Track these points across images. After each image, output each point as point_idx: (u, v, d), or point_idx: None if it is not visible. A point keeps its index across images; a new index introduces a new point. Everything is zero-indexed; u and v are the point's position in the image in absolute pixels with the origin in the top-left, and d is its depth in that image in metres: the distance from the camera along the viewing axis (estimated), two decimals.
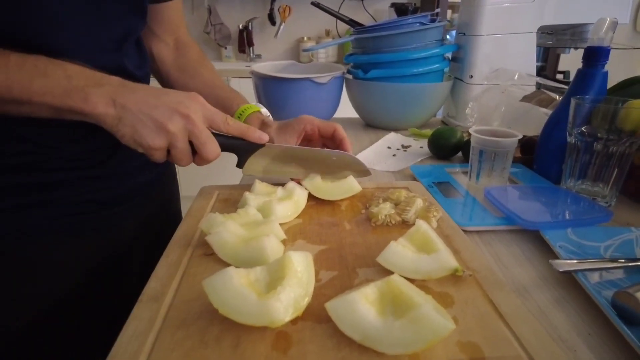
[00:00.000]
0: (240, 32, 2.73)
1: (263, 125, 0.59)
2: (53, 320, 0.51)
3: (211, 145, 0.46)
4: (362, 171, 0.58)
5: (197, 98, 0.47)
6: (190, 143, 0.46)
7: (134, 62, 0.56)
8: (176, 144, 0.44)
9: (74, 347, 0.53)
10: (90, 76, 0.42)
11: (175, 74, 0.68)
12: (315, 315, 0.33)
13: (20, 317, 0.49)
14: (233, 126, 0.49)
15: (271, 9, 2.65)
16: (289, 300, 0.32)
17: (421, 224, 0.41)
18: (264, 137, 0.51)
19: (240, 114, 0.61)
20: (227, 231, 0.41)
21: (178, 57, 0.69)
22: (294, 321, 0.32)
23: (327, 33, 2.74)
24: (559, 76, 1.78)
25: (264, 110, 0.63)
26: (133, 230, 0.60)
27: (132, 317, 0.33)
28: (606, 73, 0.61)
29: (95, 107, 0.41)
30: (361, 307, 0.31)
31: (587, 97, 0.58)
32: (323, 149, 0.56)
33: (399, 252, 0.38)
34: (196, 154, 0.47)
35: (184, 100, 0.45)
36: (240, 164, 0.54)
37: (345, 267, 0.40)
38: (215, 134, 0.48)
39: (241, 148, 0.52)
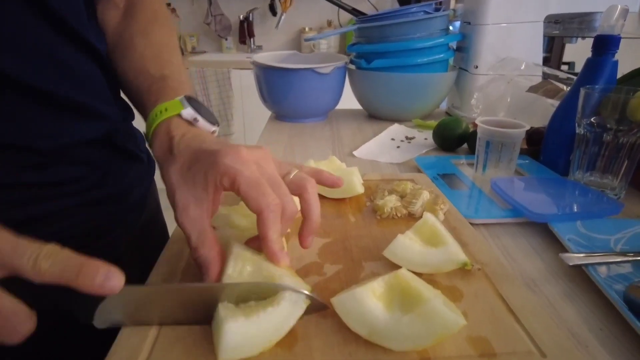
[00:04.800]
0: (241, 23, 2.71)
1: (167, 153, 0.37)
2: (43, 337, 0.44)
3: (16, 319, 0.26)
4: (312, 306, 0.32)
5: None
6: None
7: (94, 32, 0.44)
8: None
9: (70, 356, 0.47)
10: None
11: (111, 46, 0.50)
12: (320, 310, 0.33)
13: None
14: (51, 270, 0.26)
15: (272, 0, 2.62)
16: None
17: (429, 216, 0.40)
18: (111, 282, 0.27)
19: (152, 120, 0.40)
20: (229, 226, 0.40)
21: (121, 22, 0.51)
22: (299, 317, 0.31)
23: (329, 23, 2.71)
24: (564, 67, 1.76)
25: (187, 113, 0.39)
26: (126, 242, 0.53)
27: None
28: (616, 62, 0.59)
29: None
30: (368, 302, 0.30)
31: (596, 86, 0.56)
32: (219, 285, 0.32)
33: (406, 245, 0.37)
34: None
35: None
36: (84, 318, 0.30)
37: (350, 260, 0.39)
38: (22, 285, 0.27)
39: (76, 299, 0.28)
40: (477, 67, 0.94)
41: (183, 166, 0.34)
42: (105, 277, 0.27)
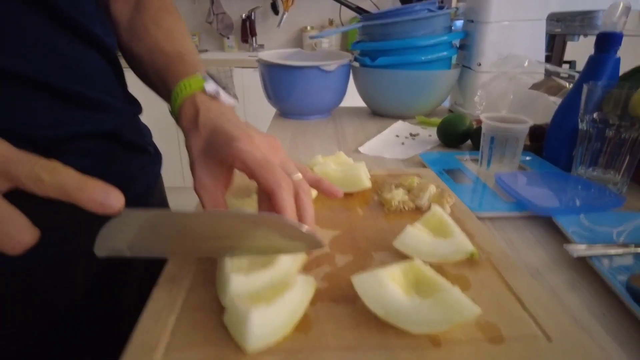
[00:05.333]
0: (243, 21, 2.71)
1: (193, 124, 0.40)
2: (54, 333, 0.45)
3: (12, 224, 0.27)
4: (305, 244, 0.34)
5: None
6: None
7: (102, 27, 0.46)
8: None
9: (82, 353, 0.48)
10: None
11: (125, 37, 0.52)
12: (332, 296, 0.34)
13: (21, 338, 0.43)
14: (51, 182, 0.27)
15: None
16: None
17: (437, 209, 0.41)
18: (110, 200, 0.28)
19: (177, 95, 0.42)
20: None
21: (134, 14, 0.53)
22: (312, 302, 0.33)
23: (331, 22, 2.72)
24: (565, 66, 1.77)
25: (210, 87, 0.42)
26: None
27: (151, 300, 0.34)
28: (618, 59, 0.60)
29: None
30: (388, 283, 0.31)
31: (599, 82, 0.57)
32: (232, 212, 0.35)
33: (416, 235, 0.38)
34: None
35: None
36: (85, 244, 0.31)
37: (359, 251, 0.41)
38: (25, 201, 0.27)
39: (79, 220, 0.31)
40: (480, 64, 0.95)
41: (205, 141, 0.38)
42: (106, 195, 0.27)
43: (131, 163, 0.52)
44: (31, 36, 0.38)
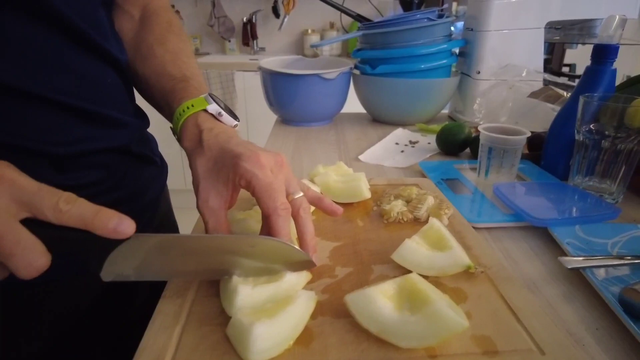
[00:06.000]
0: (244, 24, 2.73)
1: (196, 144, 0.41)
2: (62, 344, 0.46)
3: (28, 255, 0.28)
4: (299, 263, 0.36)
5: None
6: None
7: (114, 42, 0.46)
8: None
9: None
10: None
11: (130, 56, 0.52)
12: (334, 310, 0.35)
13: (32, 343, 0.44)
14: (70, 212, 0.29)
15: (275, 2, 2.64)
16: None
17: (434, 221, 0.42)
18: (122, 226, 0.30)
19: (179, 115, 0.44)
20: (246, 231, 0.42)
21: (139, 32, 0.53)
22: (313, 315, 0.34)
23: (332, 25, 2.73)
24: (565, 69, 1.77)
25: (213, 108, 0.43)
26: None
27: (157, 312, 0.35)
28: (615, 70, 0.61)
29: None
30: (379, 300, 0.32)
31: (595, 94, 0.58)
32: (231, 236, 0.36)
33: (414, 249, 0.39)
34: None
35: None
36: (94, 267, 0.32)
37: (360, 263, 0.42)
38: (40, 228, 0.29)
39: (90, 246, 0.31)
40: (479, 72, 0.96)
41: (209, 160, 0.39)
42: (119, 222, 0.30)
43: (141, 174, 0.54)
44: (51, 56, 0.39)
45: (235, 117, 0.45)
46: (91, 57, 0.43)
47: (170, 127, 0.46)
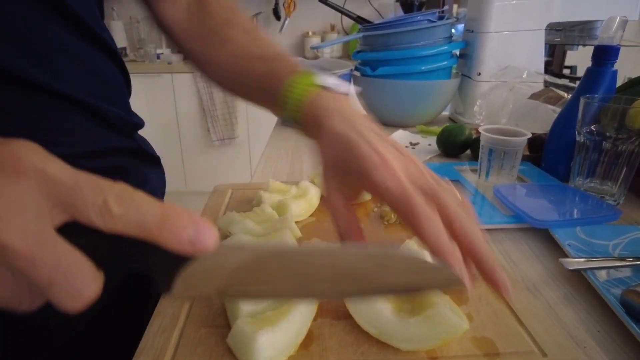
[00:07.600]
0: None
1: (318, 131, 0.35)
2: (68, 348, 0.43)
3: (73, 282, 0.20)
4: (443, 282, 0.27)
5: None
6: None
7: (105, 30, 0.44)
8: None
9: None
10: None
11: (198, 46, 0.48)
12: (333, 312, 0.35)
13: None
14: (124, 218, 0.20)
15: (276, 4, 2.65)
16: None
17: None
18: (202, 236, 0.21)
19: (287, 95, 0.37)
20: (244, 232, 0.42)
21: (193, 18, 0.49)
22: (313, 317, 0.33)
23: (332, 28, 2.74)
24: (566, 71, 1.77)
25: (331, 81, 0.37)
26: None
27: (156, 313, 0.35)
28: (615, 72, 0.61)
29: None
30: (379, 303, 0.32)
31: (595, 96, 0.58)
32: (355, 250, 0.25)
33: (415, 250, 0.39)
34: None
35: None
36: (162, 286, 0.23)
37: None
38: (83, 237, 0.21)
39: (155, 259, 0.22)
40: (479, 74, 0.96)
41: (334, 156, 0.34)
42: (196, 231, 0.21)
43: (148, 174, 0.54)
44: (66, 51, 0.39)
45: (344, 85, 0.40)
46: (95, 49, 0.42)
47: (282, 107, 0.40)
